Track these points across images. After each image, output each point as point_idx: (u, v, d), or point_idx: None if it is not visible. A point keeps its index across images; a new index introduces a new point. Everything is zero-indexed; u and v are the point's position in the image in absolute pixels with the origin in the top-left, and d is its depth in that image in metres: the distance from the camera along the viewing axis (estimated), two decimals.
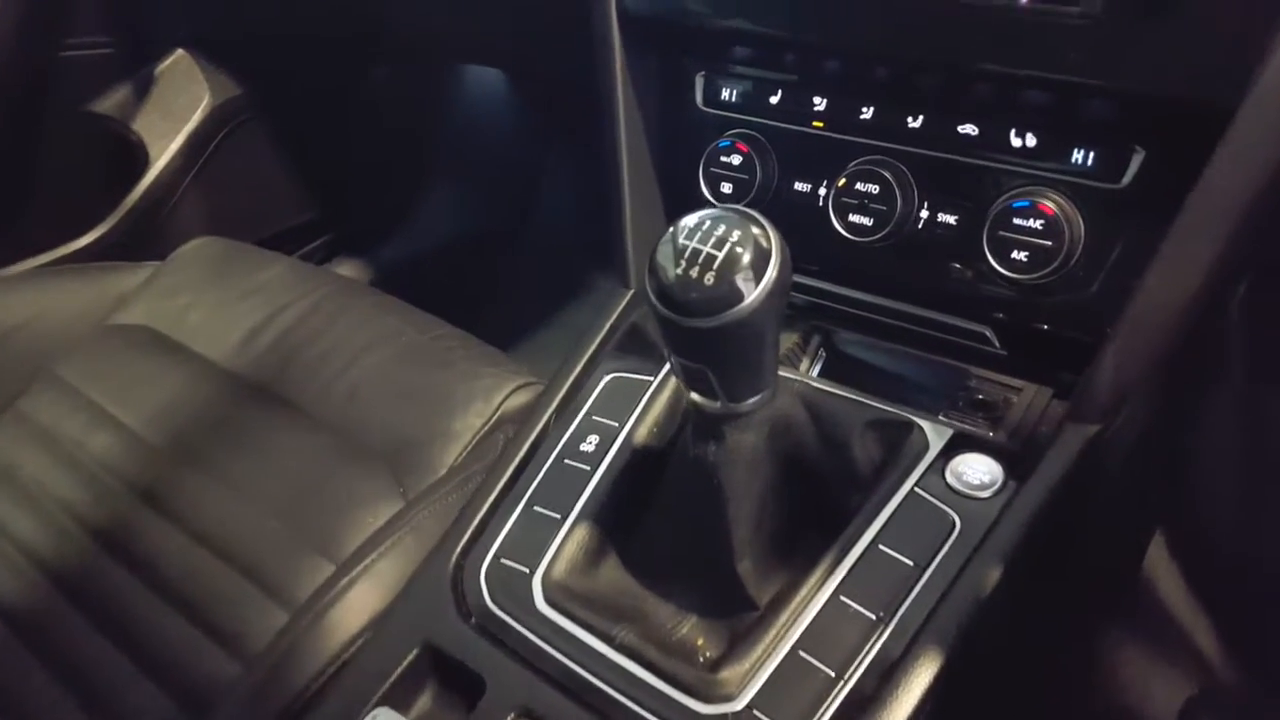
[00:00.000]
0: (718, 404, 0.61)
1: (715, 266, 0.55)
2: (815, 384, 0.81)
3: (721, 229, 0.56)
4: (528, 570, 0.72)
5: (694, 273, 0.55)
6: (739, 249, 0.55)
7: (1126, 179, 0.69)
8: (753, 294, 0.54)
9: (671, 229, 0.58)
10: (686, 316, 0.55)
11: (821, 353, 0.91)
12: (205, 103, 1.65)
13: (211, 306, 1.22)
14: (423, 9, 1.48)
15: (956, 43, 0.70)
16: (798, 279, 0.92)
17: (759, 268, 0.55)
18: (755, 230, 0.56)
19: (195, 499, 0.98)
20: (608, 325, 0.91)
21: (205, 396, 1.10)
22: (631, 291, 0.93)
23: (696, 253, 0.55)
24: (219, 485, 0.99)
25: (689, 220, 0.57)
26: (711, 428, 0.63)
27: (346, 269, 1.99)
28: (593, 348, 0.89)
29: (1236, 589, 1.10)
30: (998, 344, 0.81)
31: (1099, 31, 0.63)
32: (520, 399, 1.01)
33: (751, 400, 0.61)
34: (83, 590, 0.96)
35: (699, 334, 0.56)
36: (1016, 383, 0.81)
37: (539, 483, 0.78)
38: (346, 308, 1.16)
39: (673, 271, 0.56)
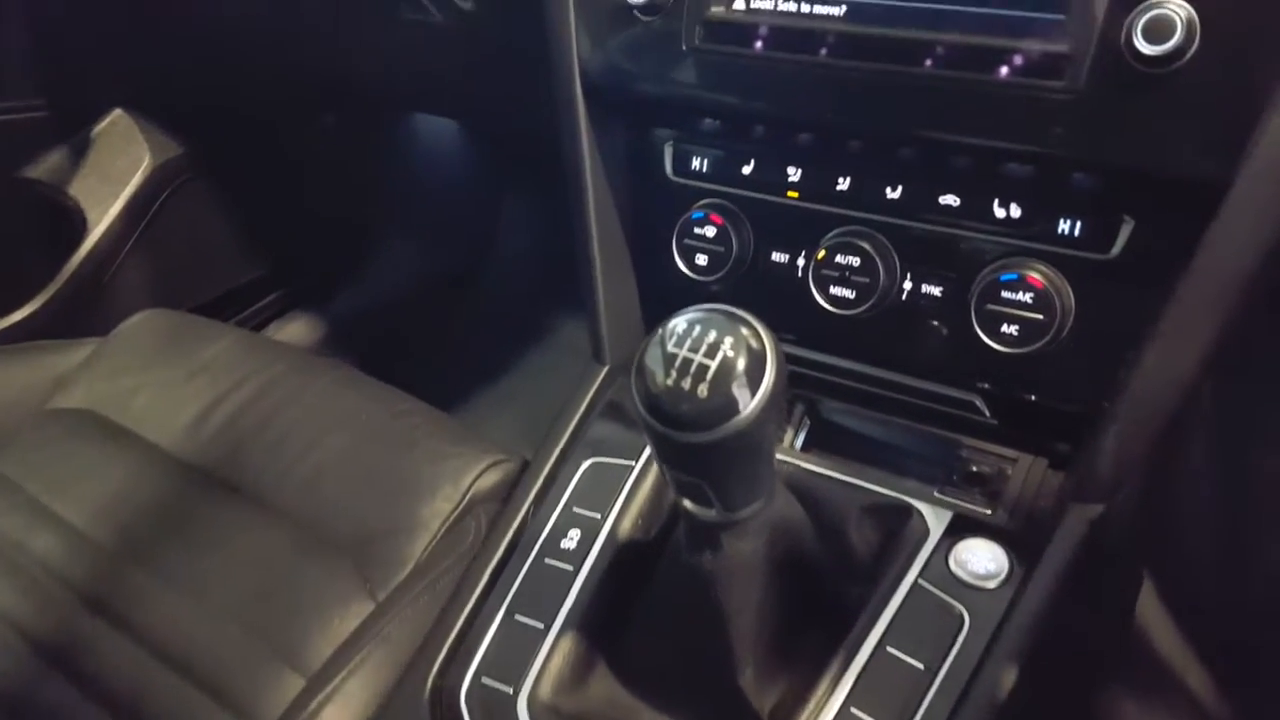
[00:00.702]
0: (713, 512, 0.58)
1: (708, 377, 0.51)
2: (805, 465, 0.78)
3: (712, 335, 0.52)
4: (511, 691, 0.67)
5: (685, 384, 0.51)
6: (732, 356, 0.52)
7: (1116, 249, 0.68)
8: (750, 404, 0.51)
9: (658, 334, 0.54)
10: (680, 431, 0.52)
11: (806, 421, 0.88)
12: (145, 164, 1.58)
13: (158, 387, 1.16)
14: (372, 66, 1.43)
15: (934, 118, 0.68)
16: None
17: (755, 375, 0.52)
18: (747, 333, 0.53)
19: (148, 606, 0.92)
20: (584, 404, 0.87)
21: (155, 488, 1.04)
22: (606, 367, 0.89)
23: (687, 362, 0.52)
24: (174, 589, 0.93)
25: (676, 324, 0.54)
26: (707, 537, 0.60)
27: (298, 326, 1.92)
28: (570, 429, 0.85)
29: (1226, 631, 1.10)
30: (988, 413, 0.79)
31: (1083, 107, 0.61)
32: (491, 479, 0.96)
33: (749, 508, 0.58)
34: (25, 711, 0.89)
35: (693, 448, 0.52)
36: (1010, 453, 0.79)
37: (519, 587, 0.74)
38: (302, 385, 1.11)
39: (662, 383, 0.52)
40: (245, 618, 0.88)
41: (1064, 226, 0.69)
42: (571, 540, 0.75)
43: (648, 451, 0.80)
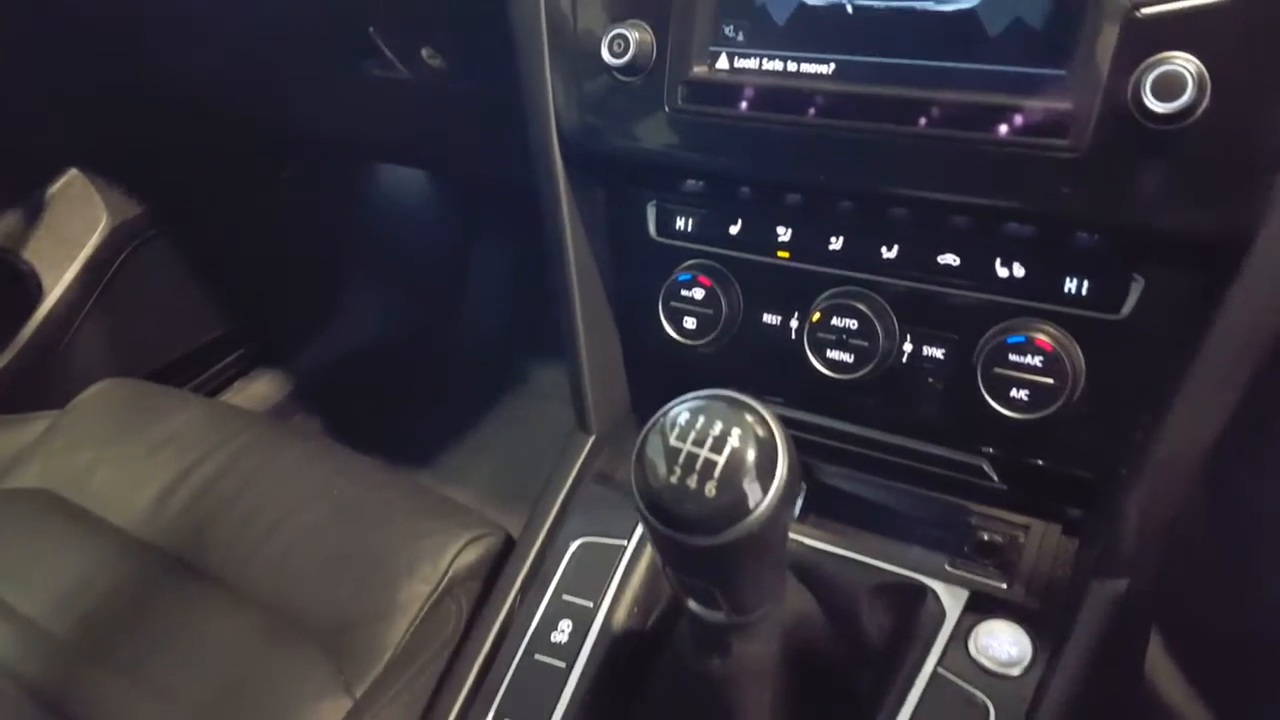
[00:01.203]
0: (721, 615, 0.53)
1: (716, 474, 0.47)
2: (807, 541, 0.74)
3: (717, 426, 0.48)
4: None
5: (691, 482, 0.47)
6: (740, 449, 0.48)
7: (1127, 309, 0.65)
8: (763, 502, 0.47)
9: (658, 424, 0.50)
10: (687, 534, 0.47)
11: (803, 487, 0.84)
12: (103, 224, 1.53)
13: (118, 463, 1.10)
14: (338, 120, 1.39)
15: (931, 178, 0.65)
16: (773, 409, 0.86)
17: (766, 470, 0.48)
18: (752, 420, 0.49)
19: (110, 706, 0.85)
20: (570, 477, 0.82)
21: (115, 574, 0.98)
22: (593, 437, 0.85)
23: (692, 457, 0.48)
24: (137, 687, 0.87)
25: (677, 414, 0.50)
26: (714, 640, 0.55)
27: (264, 383, 1.86)
28: (556, 505, 0.81)
29: (1232, 675, 1.07)
30: (995, 478, 0.76)
31: (1089, 166, 0.59)
32: (471, 555, 0.91)
33: (760, 610, 0.54)
34: None
35: (701, 551, 0.48)
36: (1020, 519, 0.76)
37: (507, 687, 0.69)
38: (270, 457, 1.05)
39: (665, 480, 0.48)
40: (213, 717, 0.82)
41: (1070, 286, 0.66)
42: (563, 633, 0.70)
43: (640, 529, 0.75)
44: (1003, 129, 0.61)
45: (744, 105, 0.69)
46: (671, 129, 0.73)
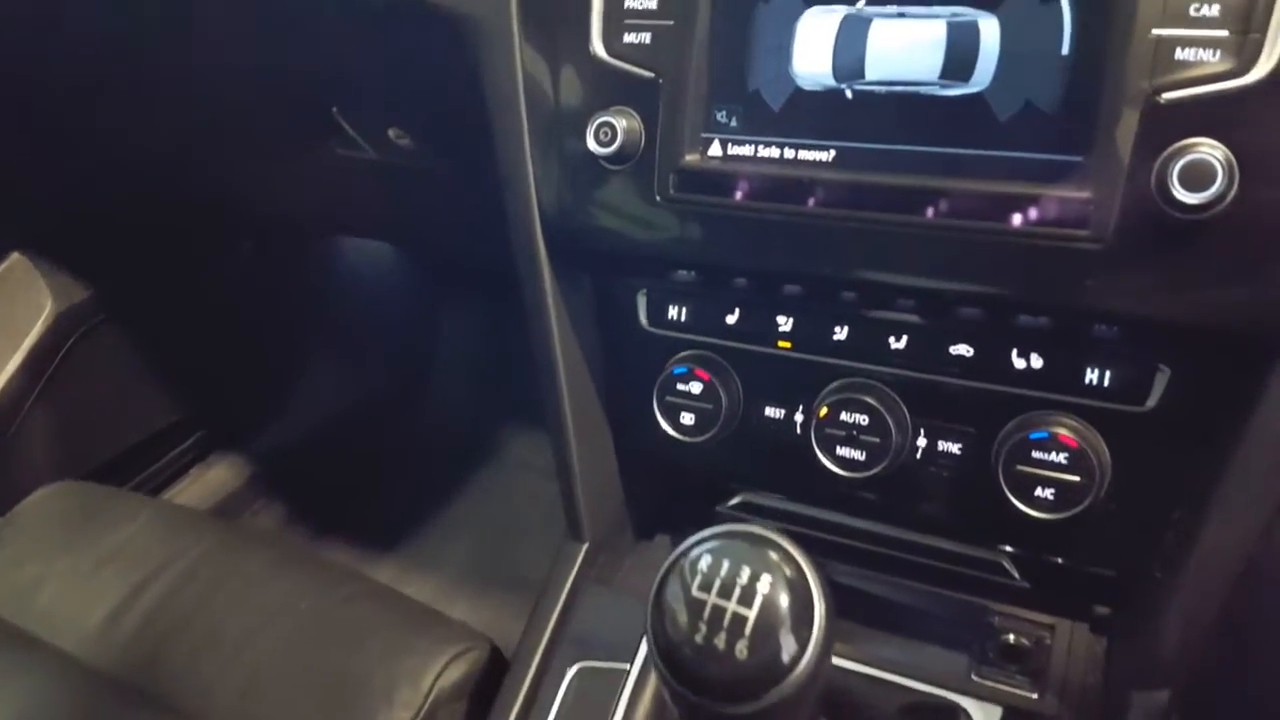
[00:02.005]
0: None
1: (748, 631, 0.42)
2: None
3: (744, 573, 0.44)
4: None
5: (719, 641, 0.42)
6: (771, 597, 0.43)
7: (1152, 401, 0.61)
8: (802, 660, 0.42)
9: (677, 567, 0.45)
10: (718, 702, 0.42)
11: None
12: (47, 311, 1.45)
13: (65, 579, 1.02)
14: (301, 198, 1.34)
15: (941, 270, 0.61)
16: (779, 505, 0.82)
17: (802, 619, 0.43)
18: (779, 560, 0.44)
19: None
20: (564, 591, 0.77)
21: (63, 707, 0.89)
22: (586, 545, 0.80)
23: (719, 612, 0.43)
24: None
25: (698, 559, 0.45)
26: None
27: (223, 470, 1.77)
28: (550, 624, 0.75)
29: None
30: (1017, 576, 0.71)
31: (1113, 257, 0.55)
32: (456, 673, 0.85)
33: None
34: None
35: (731, 718, 0.43)
36: (1045, 619, 0.72)
37: None
38: (231, 568, 0.98)
39: (689, 638, 0.43)
40: None
41: (1092, 377, 0.63)
42: None
43: (644, 650, 0.70)
44: (1017, 219, 0.58)
45: (740, 195, 0.66)
46: (663, 219, 0.69)
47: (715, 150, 0.67)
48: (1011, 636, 0.71)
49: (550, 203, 0.73)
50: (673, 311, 0.76)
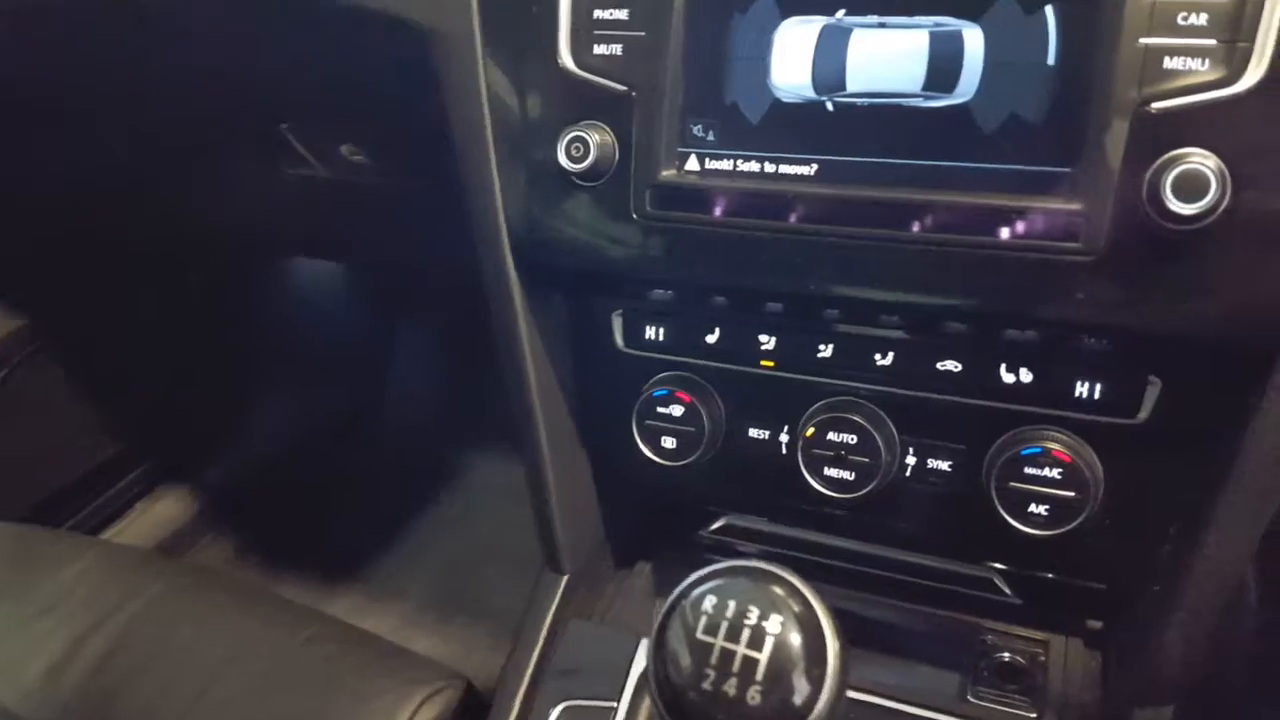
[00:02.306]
0: None
1: (759, 676, 0.40)
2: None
3: (753, 613, 0.41)
4: None
5: (730, 688, 0.40)
6: (783, 639, 0.41)
7: (1144, 413, 0.61)
8: (819, 703, 0.40)
9: (678, 609, 0.43)
10: None
11: None
12: None
13: (3, 628, 0.95)
14: (249, 219, 1.29)
15: (929, 286, 0.60)
16: (764, 528, 0.79)
17: (816, 660, 0.41)
18: (785, 596, 0.42)
19: None
20: (545, 627, 0.74)
21: None
22: (566, 577, 0.77)
23: (727, 656, 0.40)
24: None
25: (701, 600, 0.42)
26: None
27: (170, 504, 1.69)
28: (533, 660, 0.72)
29: None
30: (1009, 592, 0.70)
31: (1104, 270, 0.54)
32: (431, 712, 0.81)
33: None
34: None
35: None
36: (1038, 634, 0.71)
37: None
38: (181, 614, 0.93)
39: (697, 684, 0.40)
40: None
41: (1082, 390, 0.62)
42: None
43: (632, 684, 0.67)
44: (1005, 233, 0.57)
45: (718, 211, 0.64)
46: (639, 237, 0.66)
47: (692, 165, 0.65)
48: (1007, 655, 0.69)
49: (519, 220, 0.70)
50: (650, 332, 0.74)
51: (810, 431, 0.67)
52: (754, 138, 0.63)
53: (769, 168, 0.63)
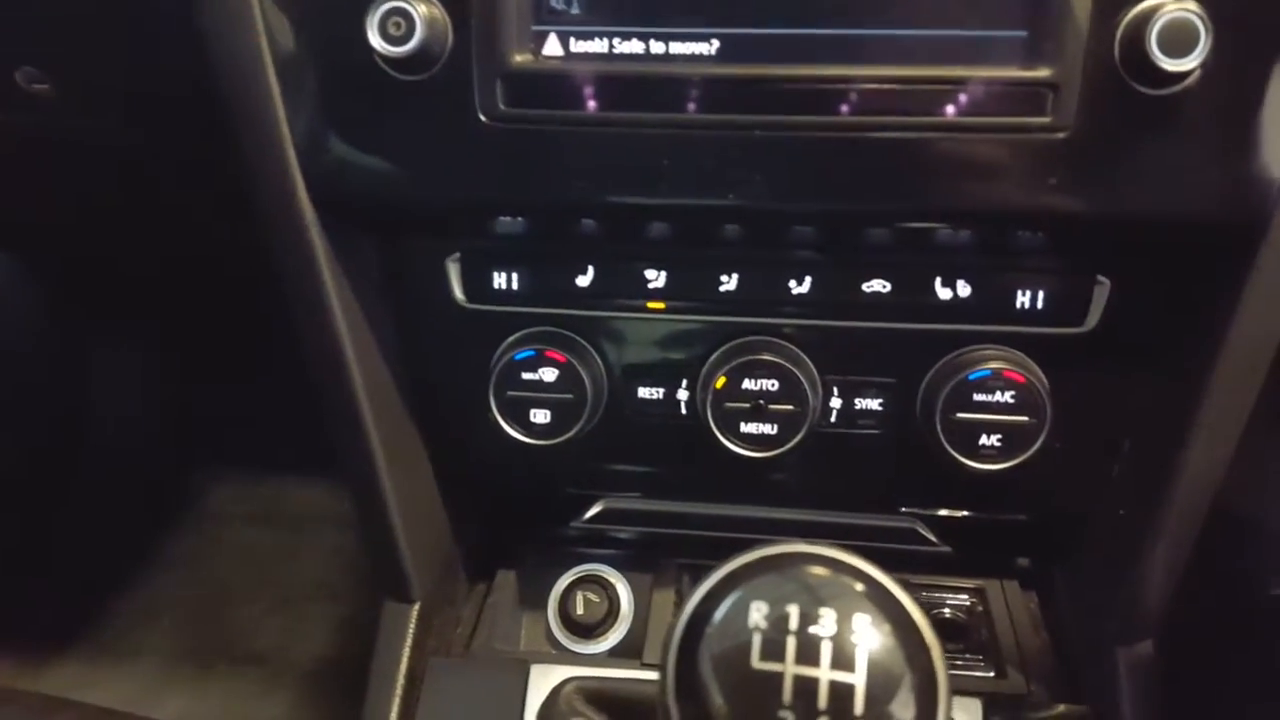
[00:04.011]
0: None
1: (859, 709, 0.27)
2: None
3: (827, 617, 0.28)
4: None
5: None
6: (882, 650, 0.28)
7: (1092, 320, 0.54)
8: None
9: (707, 636, 0.29)
10: None
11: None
12: None
13: None
14: None
15: (861, 186, 0.49)
16: (652, 507, 0.66)
17: (920, 669, 0.28)
18: (854, 585, 0.30)
19: None
20: (401, 672, 0.56)
21: None
22: (416, 606, 0.59)
23: (808, 687, 0.27)
24: None
25: (742, 612, 0.29)
26: None
27: None
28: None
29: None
30: (936, 540, 0.62)
31: (1077, 149, 0.46)
32: None
33: None
34: None
35: None
36: (967, 582, 0.64)
37: None
38: None
39: None
40: None
41: (1024, 300, 0.55)
42: None
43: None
44: (953, 110, 0.47)
45: (592, 105, 0.49)
46: (485, 147, 0.50)
47: (553, 47, 0.49)
48: (946, 611, 0.62)
49: (311, 140, 0.51)
50: (499, 279, 0.58)
51: (721, 382, 0.55)
52: (634, 8, 0.48)
53: (656, 46, 0.48)
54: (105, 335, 1.69)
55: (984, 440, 0.54)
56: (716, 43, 0.48)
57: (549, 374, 0.56)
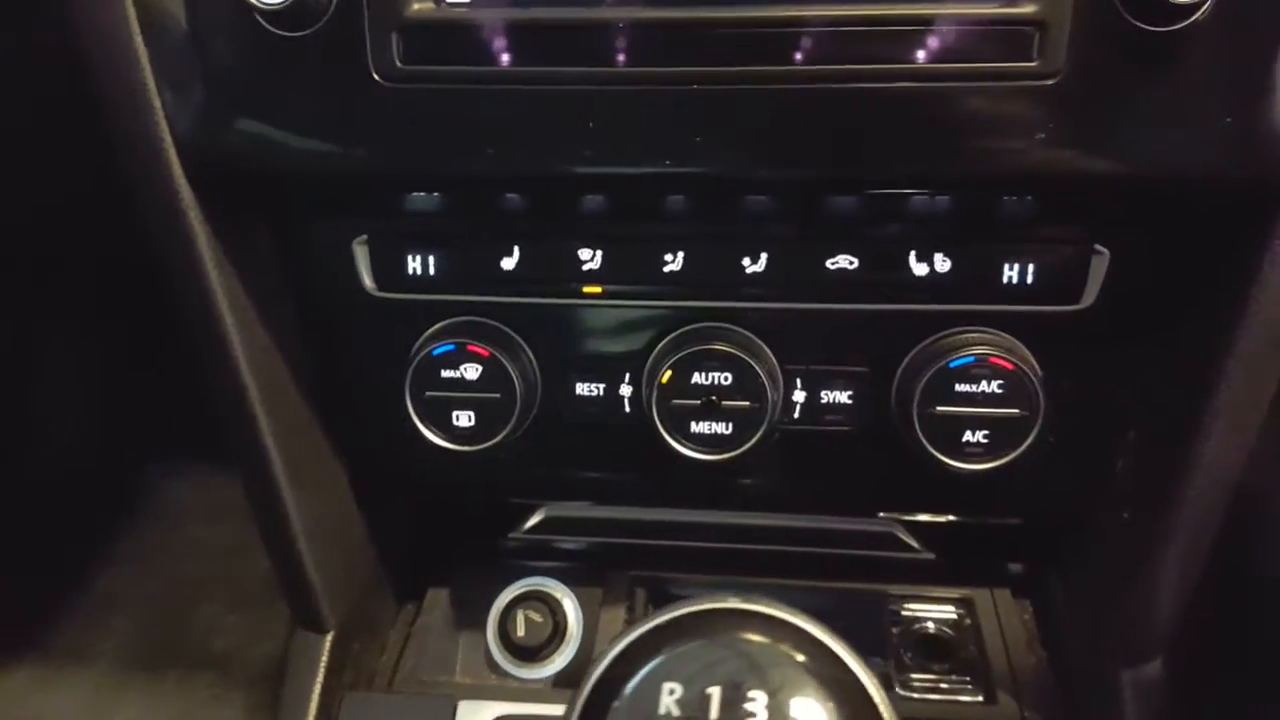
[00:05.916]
0: None
1: None
2: None
3: (757, 696, 0.22)
4: None
5: None
6: None
7: (1089, 297, 0.47)
8: None
9: (618, 702, 0.23)
10: None
11: (650, 610, 0.58)
12: None
13: None
14: None
15: (820, 148, 0.42)
16: (600, 515, 0.59)
17: None
18: (795, 654, 0.23)
19: None
20: (312, 710, 0.49)
21: None
22: (330, 636, 0.52)
23: None
24: None
25: (652, 691, 0.22)
26: None
27: None
28: None
29: None
30: (917, 545, 0.56)
31: (1068, 96, 0.39)
32: None
33: None
34: None
35: None
36: (955, 592, 0.57)
37: None
38: None
39: None
40: None
41: (1011, 274, 0.48)
42: None
43: None
44: (920, 55, 0.40)
45: (505, 58, 0.42)
46: (384, 111, 0.43)
47: None
48: (930, 625, 0.55)
49: (183, 109, 0.44)
50: (413, 263, 0.51)
51: (667, 376, 0.48)
52: None
53: None
54: (49, 332, 1.62)
55: (968, 437, 0.47)
56: None
57: (472, 370, 0.49)
